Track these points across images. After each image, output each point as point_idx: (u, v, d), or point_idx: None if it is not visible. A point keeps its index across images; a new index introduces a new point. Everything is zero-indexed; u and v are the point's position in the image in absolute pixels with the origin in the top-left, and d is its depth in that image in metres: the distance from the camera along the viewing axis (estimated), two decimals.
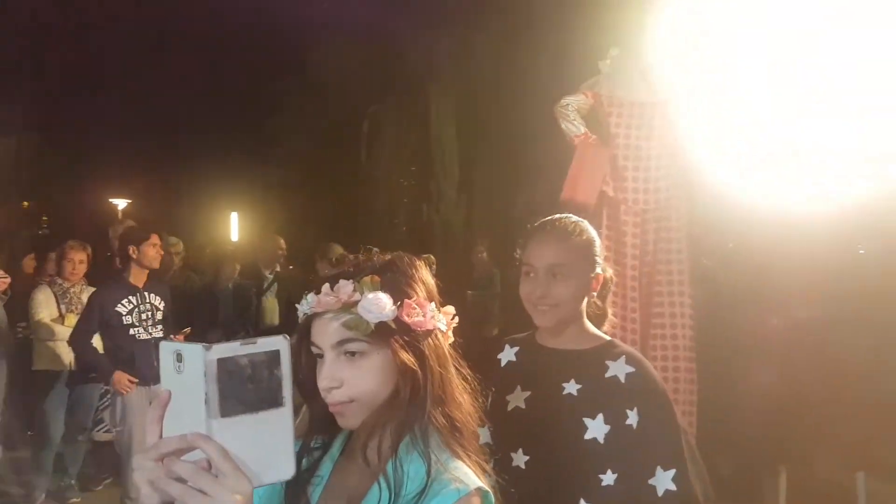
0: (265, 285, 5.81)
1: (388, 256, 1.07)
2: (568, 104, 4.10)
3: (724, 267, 5.29)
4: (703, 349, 3.71)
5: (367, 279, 1.01)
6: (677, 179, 4.13)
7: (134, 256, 3.99)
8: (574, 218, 1.78)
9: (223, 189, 11.76)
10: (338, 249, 5.00)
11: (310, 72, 9.60)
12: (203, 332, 5.07)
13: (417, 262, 1.08)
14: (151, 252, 4.03)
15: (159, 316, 4.08)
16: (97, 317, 3.94)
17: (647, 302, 3.91)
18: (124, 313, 3.95)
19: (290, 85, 9.35)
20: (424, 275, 1.07)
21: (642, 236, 4.11)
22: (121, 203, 12.41)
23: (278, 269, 5.93)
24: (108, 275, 4.53)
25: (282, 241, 6.09)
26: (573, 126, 4.06)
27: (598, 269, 1.71)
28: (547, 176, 4.64)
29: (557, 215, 1.78)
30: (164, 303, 4.12)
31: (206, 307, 5.78)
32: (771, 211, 4.12)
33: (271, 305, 5.73)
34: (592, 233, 1.75)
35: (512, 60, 8.61)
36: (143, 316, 4.01)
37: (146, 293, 4.05)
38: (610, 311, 1.82)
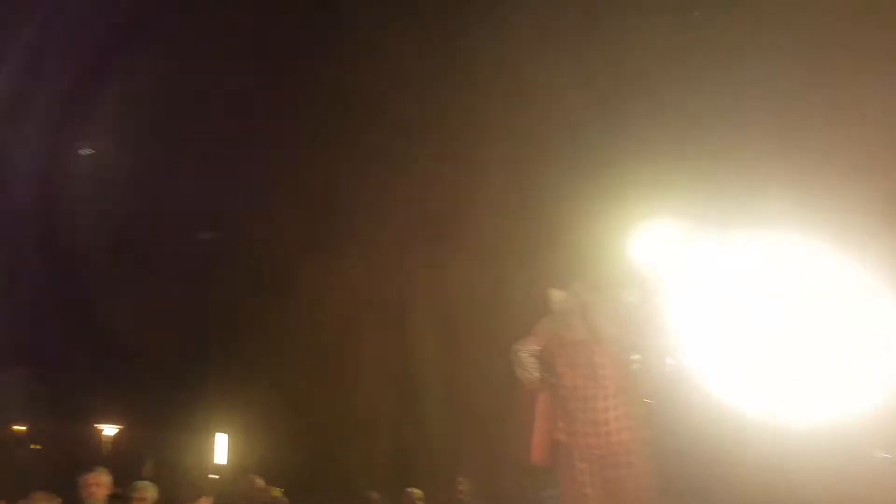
0: None
1: None
2: (518, 349, 4.00)
3: None
4: None
5: None
6: (631, 418, 3.87)
7: None
8: None
9: (213, 410, 11.41)
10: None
11: None
12: None
13: None
14: None
15: None
16: None
17: None
18: None
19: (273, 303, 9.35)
20: None
21: (602, 486, 3.80)
22: (108, 429, 12.06)
23: None
24: None
25: (258, 481, 5.54)
26: (527, 372, 3.96)
27: None
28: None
29: None
30: None
31: None
32: (757, 434, 3.79)
33: None
34: None
35: None
36: None
37: None
38: None
